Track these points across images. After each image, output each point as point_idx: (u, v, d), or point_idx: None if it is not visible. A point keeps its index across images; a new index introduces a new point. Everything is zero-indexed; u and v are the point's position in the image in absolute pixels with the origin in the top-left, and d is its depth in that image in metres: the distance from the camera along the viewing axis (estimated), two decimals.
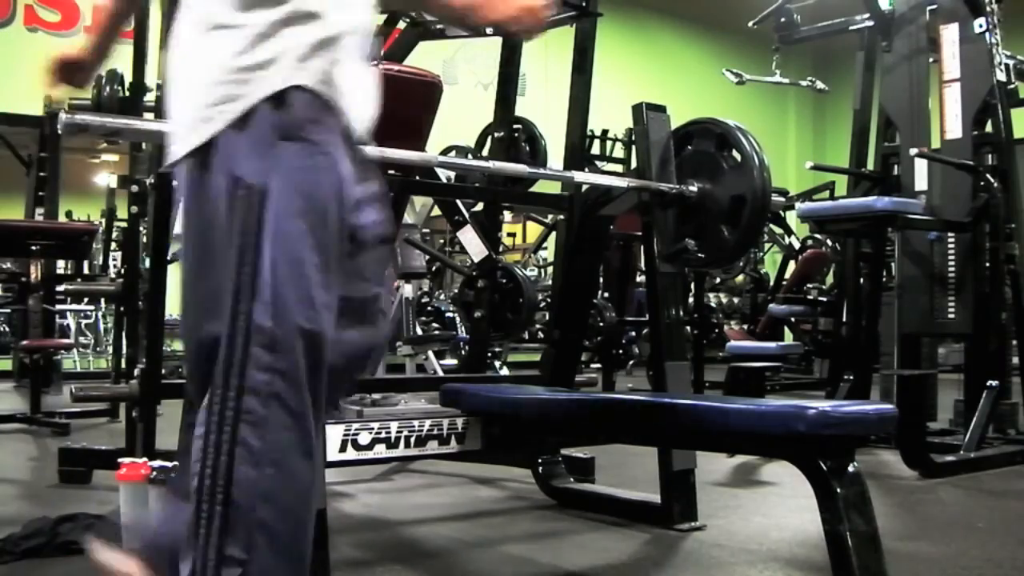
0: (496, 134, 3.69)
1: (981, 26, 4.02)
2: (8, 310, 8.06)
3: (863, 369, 4.35)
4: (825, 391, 5.47)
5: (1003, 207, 3.95)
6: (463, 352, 6.75)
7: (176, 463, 2.33)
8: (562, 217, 3.31)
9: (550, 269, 7.99)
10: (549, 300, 6.20)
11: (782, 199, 6.70)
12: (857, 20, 4.74)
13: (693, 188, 2.71)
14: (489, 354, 4.60)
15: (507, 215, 8.75)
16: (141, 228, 3.17)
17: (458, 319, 7.11)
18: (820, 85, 6.40)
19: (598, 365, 6.92)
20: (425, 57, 3.89)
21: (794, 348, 7.05)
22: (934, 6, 4.27)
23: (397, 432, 2.43)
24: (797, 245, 7.98)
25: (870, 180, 4.61)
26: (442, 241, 9.33)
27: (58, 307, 7.07)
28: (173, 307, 2.12)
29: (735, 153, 2.69)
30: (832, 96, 7.84)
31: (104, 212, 7.63)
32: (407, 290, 5.70)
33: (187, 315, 1.40)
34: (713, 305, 8.78)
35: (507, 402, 2.45)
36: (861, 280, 4.68)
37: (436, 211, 4.96)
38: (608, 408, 2.21)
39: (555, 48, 3.73)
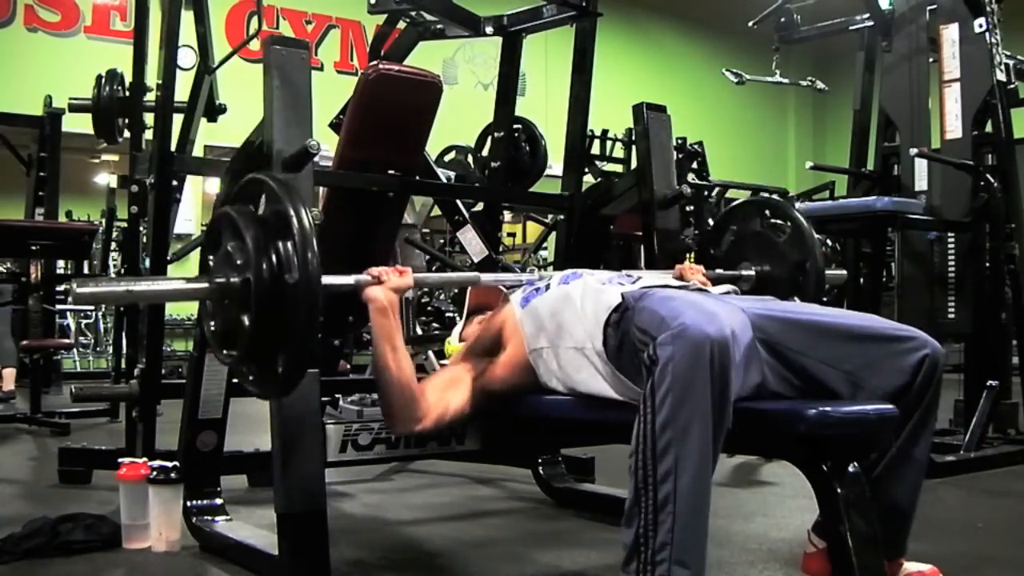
0: (496, 134, 3.69)
1: (981, 26, 4.02)
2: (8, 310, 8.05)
3: None
4: None
5: (1003, 207, 3.94)
6: None
7: (175, 463, 2.33)
8: (562, 217, 3.31)
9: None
10: None
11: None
12: (857, 20, 4.73)
13: (751, 272, 2.60)
14: None
15: (507, 215, 8.75)
16: (141, 228, 3.16)
17: (458, 319, 7.10)
18: (820, 85, 6.38)
19: None
20: (425, 57, 3.88)
21: None
22: (934, 6, 4.27)
23: None
24: None
25: (870, 180, 4.60)
26: (442, 241, 9.32)
27: (58, 307, 7.06)
28: (173, 307, 2.11)
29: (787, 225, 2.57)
30: (832, 96, 7.83)
31: (104, 212, 7.62)
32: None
33: None
34: None
35: (507, 402, 2.44)
36: (861, 280, 4.68)
37: (436, 211, 4.95)
38: (608, 408, 2.20)
39: (555, 48, 3.72)
